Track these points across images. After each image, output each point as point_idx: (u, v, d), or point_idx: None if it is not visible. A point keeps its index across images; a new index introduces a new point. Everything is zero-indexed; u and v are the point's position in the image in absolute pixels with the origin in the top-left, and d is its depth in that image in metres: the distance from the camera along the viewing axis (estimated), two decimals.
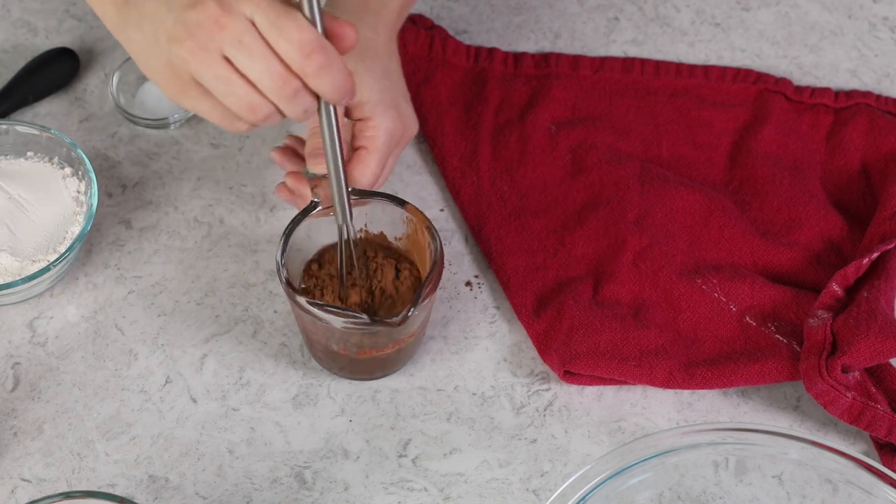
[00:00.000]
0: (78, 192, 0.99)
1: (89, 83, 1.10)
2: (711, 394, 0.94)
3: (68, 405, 0.93)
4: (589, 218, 1.01)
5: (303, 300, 0.87)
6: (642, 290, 0.97)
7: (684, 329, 0.96)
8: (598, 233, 1.00)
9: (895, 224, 0.97)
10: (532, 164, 1.04)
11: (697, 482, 0.88)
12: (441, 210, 1.03)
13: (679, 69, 1.10)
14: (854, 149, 1.05)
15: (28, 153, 1.01)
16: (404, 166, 1.05)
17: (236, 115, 0.80)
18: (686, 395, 0.94)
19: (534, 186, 1.03)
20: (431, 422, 0.93)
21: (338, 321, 0.86)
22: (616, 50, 1.13)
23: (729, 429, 0.86)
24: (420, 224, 0.91)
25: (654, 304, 0.97)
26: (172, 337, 0.96)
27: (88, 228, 0.96)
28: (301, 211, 0.91)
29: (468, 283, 1.00)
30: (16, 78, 1.07)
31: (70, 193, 0.99)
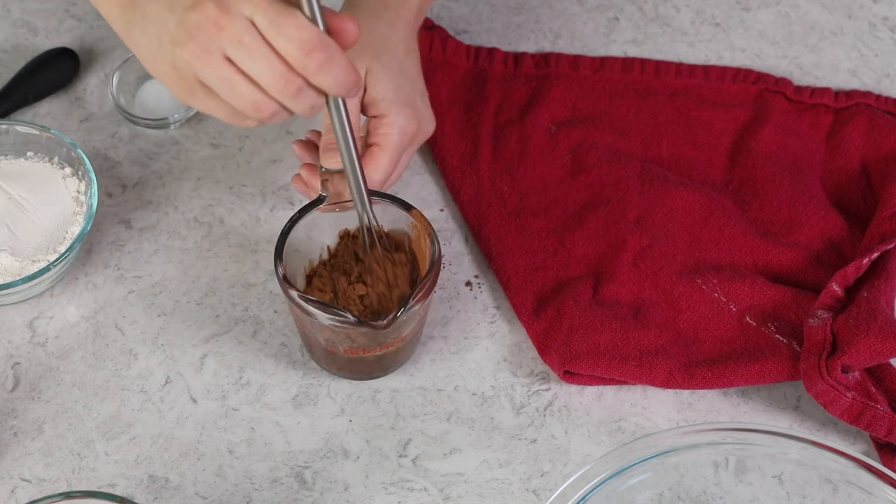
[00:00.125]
0: (78, 192, 0.99)
1: (89, 83, 1.10)
2: (711, 394, 0.94)
3: (68, 405, 0.93)
4: (589, 218, 1.01)
5: (294, 293, 0.87)
6: (642, 290, 0.97)
7: (684, 329, 0.96)
8: (598, 233, 1.00)
9: (895, 224, 0.97)
10: (532, 164, 1.04)
11: (697, 482, 0.88)
12: (441, 210, 1.03)
13: (679, 69, 1.10)
14: (854, 149, 1.05)
15: (28, 153, 1.01)
16: None
17: (243, 114, 0.80)
18: (686, 395, 0.94)
19: (534, 186, 1.03)
20: (431, 422, 0.93)
21: (325, 317, 0.86)
22: (616, 50, 1.13)
23: (729, 429, 0.85)
24: (423, 231, 0.90)
25: (654, 304, 0.97)
26: (172, 337, 0.96)
27: (88, 228, 0.96)
28: (308, 203, 0.91)
29: (468, 283, 1.00)
30: (16, 78, 1.07)
31: (70, 193, 0.99)
